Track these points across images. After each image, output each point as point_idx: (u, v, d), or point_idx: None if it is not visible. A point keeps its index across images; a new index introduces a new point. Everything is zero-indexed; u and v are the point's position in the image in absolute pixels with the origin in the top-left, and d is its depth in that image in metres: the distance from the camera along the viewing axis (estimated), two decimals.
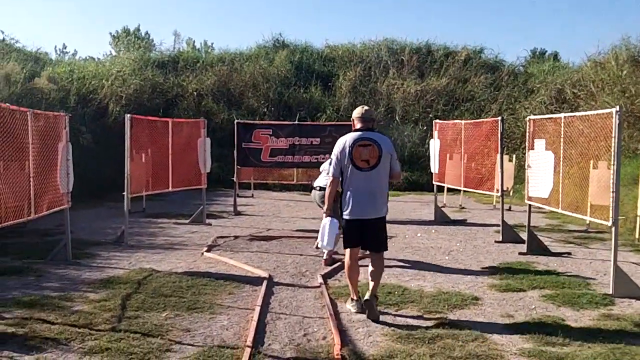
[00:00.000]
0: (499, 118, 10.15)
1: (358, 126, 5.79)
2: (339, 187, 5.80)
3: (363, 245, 5.87)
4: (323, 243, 6.17)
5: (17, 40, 21.88)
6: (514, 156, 14.55)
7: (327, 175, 6.38)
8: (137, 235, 10.08)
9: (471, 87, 21.47)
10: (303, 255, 8.55)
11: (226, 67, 22.53)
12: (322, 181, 8.17)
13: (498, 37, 61.45)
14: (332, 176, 5.76)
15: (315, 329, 5.26)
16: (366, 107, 5.92)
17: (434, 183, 12.54)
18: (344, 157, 5.63)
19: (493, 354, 4.62)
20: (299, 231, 10.70)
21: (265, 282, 6.75)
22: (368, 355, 4.63)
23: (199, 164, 11.56)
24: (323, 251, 8.00)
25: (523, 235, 9.17)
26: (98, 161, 15.00)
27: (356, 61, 23.04)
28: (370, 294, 5.65)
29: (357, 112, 5.84)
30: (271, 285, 6.78)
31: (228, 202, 14.22)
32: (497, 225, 10.12)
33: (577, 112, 8.45)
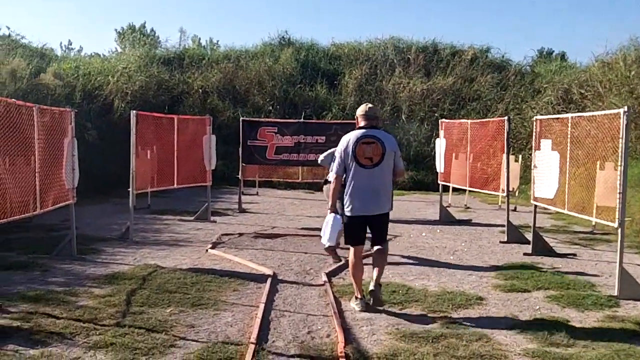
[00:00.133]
0: (506, 118, 10.10)
1: (362, 124, 5.82)
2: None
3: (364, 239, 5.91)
4: (325, 238, 6.18)
5: (23, 36, 21.92)
6: (520, 156, 14.49)
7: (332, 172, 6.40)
8: (142, 231, 10.11)
9: (477, 87, 21.39)
10: (307, 253, 8.55)
11: (232, 65, 22.51)
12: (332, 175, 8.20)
13: (504, 37, 61.15)
14: (336, 173, 5.82)
15: (319, 327, 5.26)
16: (370, 105, 5.95)
17: (439, 182, 12.52)
18: (348, 155, 5.67)
19: (497, 354, 4.61)
20: (304, 229, 10.70)
21: (269, 280, 6.75)
22: (372, 353, 4.63)
23: (204, 161, 11.58)
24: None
25: (528, 235, 9.13)
26: (103, 157, 15.03)
27: (362, 59, 22.96)
28: (374, 283, 5.73)
29: (361, 110, 5.88)
30: (275, 282, 6.78)
31: (233, 200, 14.23)
32: (502, 225, 10.10)
33: (585, 113, 8.41)
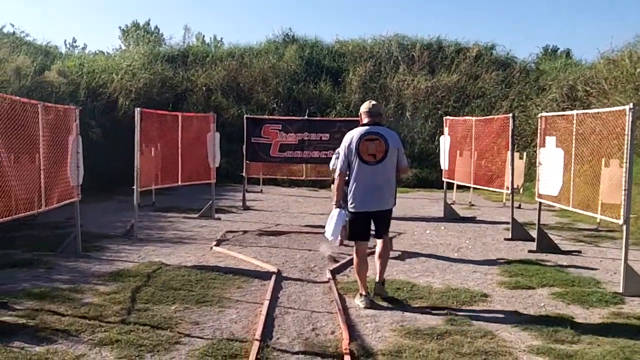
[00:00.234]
0: (510, 115, 10.08)
1: (365, 121, 5.90)
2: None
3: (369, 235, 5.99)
4: (329, 233, 6.19)
5: (27, 33, 21.88)
6: (525, 154, 14.45)
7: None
8: (147, 229, 10.13)
9: (482, 84, 21.32)
10: (312, 250, 8.54)
11: (236, 62, 22.52)
12: None
13: (508, 35, 61.02)
14: (339, 170, 5.89)
15: (323, 324, 5.26)
16: (374, 102, 6.02)
17: (444, 180, 12.50)
18: (351, 151, 5.73)
19: (502, 351, 4.60)
20: (308, 227, 10.70)
21: (273, 277, 6.76)
22: (376, 350, 4.63)
23: (208, 159, 11.58)
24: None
25: (533, 233, 9.11)
26: (107, 155, 15.06)
27: (366, 57, 22.92)
28: (378, 277, 5.91)
29: (365, 107, 5.95)
30: (280, 279, 6.79)
31: (237, 197, 14.24)
32: (507, 222, 10.08)
33: (590, 110, 8.38)
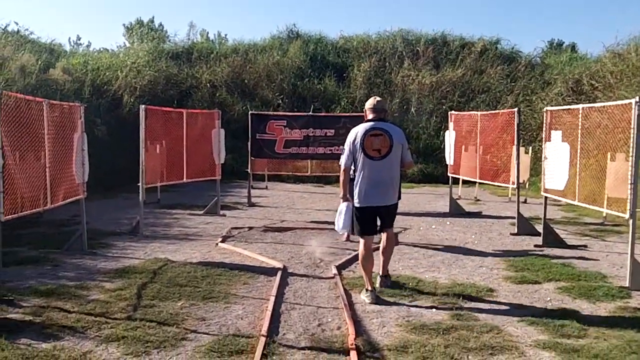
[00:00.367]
0: (515, 109, 10.03)
1: (370, 117, 5.96)
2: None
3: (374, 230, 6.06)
4: (338, 226, 6.20)
5: (32, 31, 22.00)
6: (530, 148, 14.39)
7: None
8: (152, 225, 10.15)
9: (487, 79, 21.21)
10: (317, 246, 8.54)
11: (240, 58, 22.47)
12: None
13: (514, 29, 60.70)
14: (344, 166, 5.94)
15: (329, 319, 5.27)
16: (378, 98, 6.09)
17: (449, 175, 12.45)
18: (356, 147, 5.79)
19: (508, 345, 4.59)
20: (313, 222, 10.70)
21: (279, 273, 6.77)
22: (382, 345, 4.63)
23: (214, 155, 11.59)
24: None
25: (539, 227, 9.09)
26: (113, 152, 15.08)
27: (371, 52, 22.83)
28: (382, 272, 6.08)
29: (369, 103, 6.01)
30: (285, 275, 6.79)
31: (242, 194, 14.25)
32: (513, 217, 10.05)
33: (595, 104, 8.34)
